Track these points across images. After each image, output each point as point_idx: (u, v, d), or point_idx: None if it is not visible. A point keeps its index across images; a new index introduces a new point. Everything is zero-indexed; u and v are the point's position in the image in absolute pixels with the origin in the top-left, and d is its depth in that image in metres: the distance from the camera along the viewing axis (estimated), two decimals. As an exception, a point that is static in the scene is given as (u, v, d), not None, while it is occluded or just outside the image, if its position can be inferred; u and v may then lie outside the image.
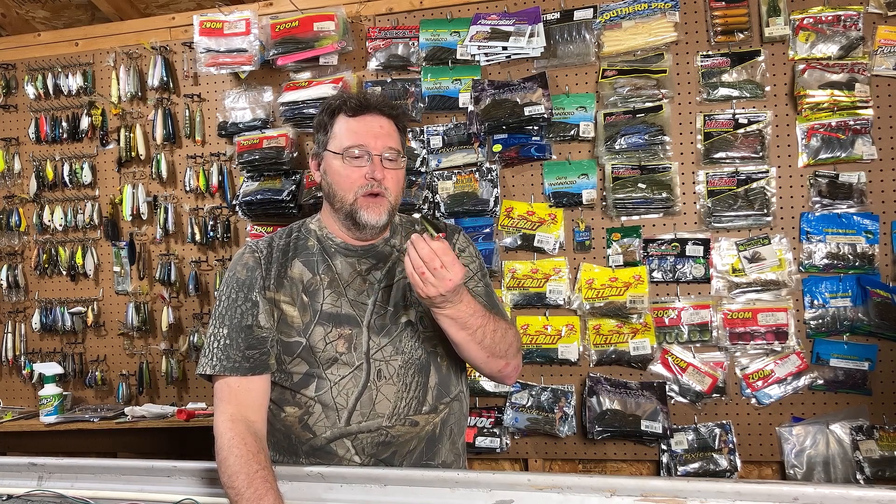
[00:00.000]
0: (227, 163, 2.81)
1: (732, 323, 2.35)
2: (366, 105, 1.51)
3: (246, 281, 1.51)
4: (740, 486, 1.16)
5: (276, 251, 1.55)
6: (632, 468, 2.49)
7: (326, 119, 1.55)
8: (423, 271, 1.28)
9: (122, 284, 2.94)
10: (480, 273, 1.64)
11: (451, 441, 1.54)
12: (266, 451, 1.38)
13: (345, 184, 1.49)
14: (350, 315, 1.48)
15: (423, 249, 1.28)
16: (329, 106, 1.56)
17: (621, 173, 2.43)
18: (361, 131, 1.49)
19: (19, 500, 1.39)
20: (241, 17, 2.64)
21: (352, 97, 1.54)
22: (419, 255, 1.28)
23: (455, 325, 1.39)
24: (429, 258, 1.28)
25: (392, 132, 1.53)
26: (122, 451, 2.79)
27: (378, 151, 1.48)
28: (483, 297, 1.61)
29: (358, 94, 1.57)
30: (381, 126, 1.50)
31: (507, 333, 1.51)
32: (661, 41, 2.42)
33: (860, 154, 2.28)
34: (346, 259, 1.54)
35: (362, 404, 1.44)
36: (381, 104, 1.53)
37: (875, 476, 2.19)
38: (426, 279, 1.29)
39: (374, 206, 1.48)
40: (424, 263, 1.28)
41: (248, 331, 1.47)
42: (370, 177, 1.47)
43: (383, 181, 1.48)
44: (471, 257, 1.65)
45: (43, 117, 2.98)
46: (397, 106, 1.58)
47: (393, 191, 1.51)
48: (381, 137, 1.49)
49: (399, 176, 1.53)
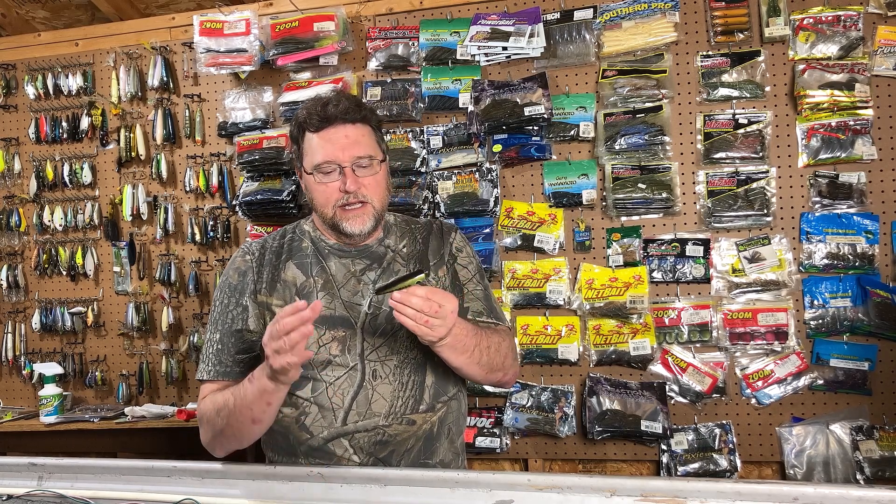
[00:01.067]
0: (227, 163, 2.81)
1: (732, 323, 2.35)
2: (327, 118, 1.47)
3: (237, 286, 1.52)
4: (740, 486, 1.16)
5: (269, 253, 1.55)
6: (632, 468, 2.49)
7: (297, 133, 1.54)
8: (426, 319, 1.27)
9: (122, 284, 2.94)
10: (479, 275, 1.64)
11: (449, 440, 1.54)
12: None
13: (321, 199, 1.49)
14: (344, 317, 1.48)
15: (414, 302, 1.26)
16: (296, 121, 1.53)
17: (621, 173, 2.43)
18: (328, 146, 1.47)
19: (19, 500, 1.39)
20: (241, 17, 2.64)
21: (314, 111, 1.49)
22: (414, 309, 1.26)
23: (455, 352, 1.39)
24: (425, 306, 1.26)
25: (360, 138, 1.49)
26: (122, 451, 2.79)
27: (347, 163, 1.46)
28: (482, 299, 1.61)
29: (320, 105, 1.49)
30: (346, 136, 1.47)
31: (501, 346, 1.51)
32: (661, 41, 2.42)
33: (860, 154, 2.28)
34: (340, 260, 1.54)
35: (358, 404, 1.45)
36: (342, 113, 1.48)
37: (875, 476, 2.19)
38: (432, 324, 1.27)
39: (355, 217, 1.48)
40: (422, 313, 1.26)
41: (239, 335, 1.48)
42: (343, 190, 1.46)
43: (360, 190, 1.46)
44: (468, 257, 1.64)
45: (43, 117, 2.98)
46: (362, 108, 1.52)
47: (375, 195, 1.49)
48: (349, 148, 1.46)
49: (378, 180, 1.50)
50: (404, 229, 1.63)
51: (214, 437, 1.44)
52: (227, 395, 1.40)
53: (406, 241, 1.60)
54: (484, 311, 1.60)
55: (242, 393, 1.36)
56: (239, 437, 1.42)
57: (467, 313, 1.59)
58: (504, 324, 1.63)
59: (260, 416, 1.37)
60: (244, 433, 1.40)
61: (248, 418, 1.37)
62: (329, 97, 1.51)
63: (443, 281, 1.57)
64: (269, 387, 1.31)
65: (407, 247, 1.59)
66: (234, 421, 1.38)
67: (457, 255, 1.62)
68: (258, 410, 1.35)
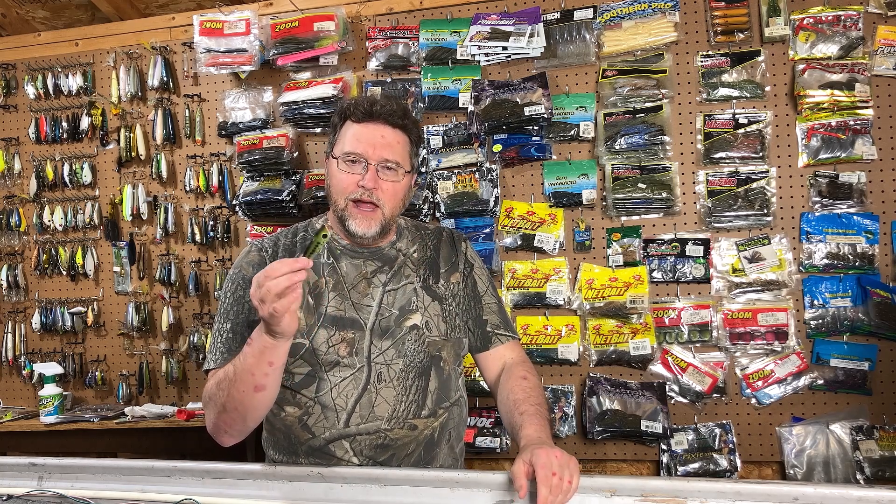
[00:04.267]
0: (227, 163, 2.81)
1: (732, 323, 2.35)
2: (371, 113, 1.49)
3: (251, 278, 1.52)
4: (740, 486, 1.16)
5: (283, 251, 1.55)
6: (632, 468, 2.49)
7: (337, 121, 1.55)
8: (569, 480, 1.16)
9: (122, 284, 2.94)
10: (492, 286, 1.66)
11: (449, 446, 1.54)
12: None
13: (338, 187, 1.49)
14: (354, 318, 1.48)
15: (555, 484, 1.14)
16: (340, 108, 1.55)
17: (621, 173, 2.43)
18: (363, 139, 1.48)
19: (19, 500, 1.39)
20: (241, 17, 2.64)
21: (361, 103, 1.51)
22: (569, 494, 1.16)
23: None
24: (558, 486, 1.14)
25: (396, 144, 1.50)
26: (122, 451, 2.79)
27: (375, 161, 1.46)
28: (497, 313, 1.64)
29: (369, 101, 1.51)
30: (383, 136, 1.48)
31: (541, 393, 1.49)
32: (661, 41, 2.42)
33: (860, 154, 2.28)
34: (352, 261, 1.54)
35: (361, 406, 1.44)
36: (387, 114, 1.50)
37: (875, 476, 2.19)
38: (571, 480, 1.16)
39: (363, 217, 1.48)
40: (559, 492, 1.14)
41: (252, 326, 1.47)
42: (360, 184, 1.46)
43: (375, 191, 1.46)
44: (481, 269, 1.66)
45: (43, 117, 2.98)
46: (406, 116, 1.53)
47: (388, 202, 1.49)
48: (381, 147, 1.47)
49: (396, 189, 1.50)
50: (415, 234, 1.64)
51: (218, 415, 1.37)
52: (228, 367, 1.35)
53: (417, 245, 1.61)
54: (500, 324, 1.62)
55: (242, 359, 1.31)
56: (242, 412, 1.34)
57: (486, 325, 1.61)
58: (516, 336, 1.65)
59: (263, 381, 1.30)
60: (247, 405, 1.33)
61: (251, 385, 1.30)
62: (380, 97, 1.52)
63: (454, 288, 1.59)
64: (268, 342, 1.25)
65: (418, 252, 1.60)
66: (236, 391, 1.32)
67: (473, 264, 1.65)
68: (260, 374, 1.29)
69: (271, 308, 1.18)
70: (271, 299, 1.18)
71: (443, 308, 1.55)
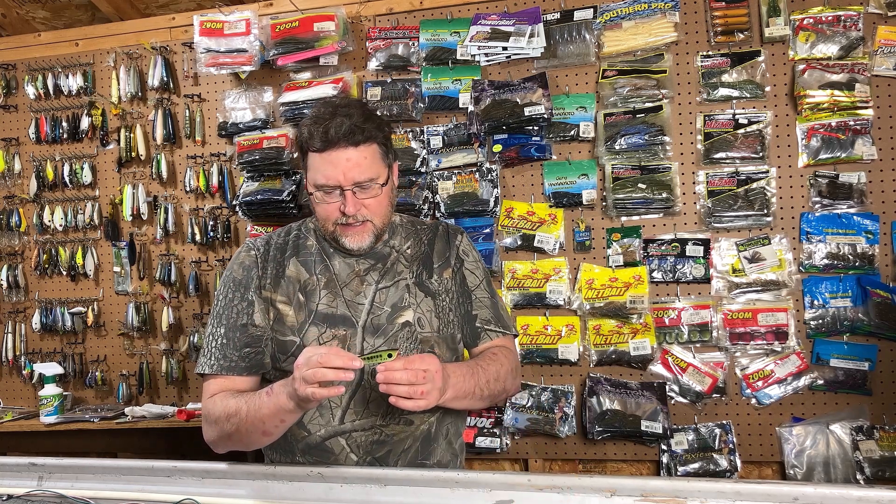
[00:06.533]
0: (227, 163, 2.81)
1: (732, 323, 2.35)
2: (329, 140, 1.42)
3: (242, 280, 1.53)
4: (740, 486, 1.16)
5: (274, 249, 1.56)
6: (632, 468, 2.49)
7: (299, 152, 1.53)
8: (421, 389, 1.25)
9: (122, 284, 2.94)
10: (486, 281, 1.64)
11: (447, 441, 1.54)
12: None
13: (322, 216, 1.50)
14: (345, 316, 1.49)
15: (399, 376, 1.24)
16: (298, 139, 1.50)
17: (621, 173, 2.43)
18: (329, 168, 1.44)
19: (19, 500, 1.39)
20: (242, 17, 2.64)
21: (316, 132, 1.44)
22: (402, 383, 1.24)
23: (458, 402, 1.40)
24: (411, 377, 1.24)
25: (363, 160, 1.44)
26: (122, 451, 2.79)
27: (348, 185, 1.44)
28: (489, 307, 1.61)
29: (323, 128, 1.43)
30: (348, 159, 1.43)
31: (500, 373, 1.51)
32: (661, 41, 2.42)
33: (860, 154, 2.28)
34: (344, 259, 1.54)
35: (356, 403, 1.46)
36: (345, 135, 1.42)
37: (875, 476, 2.19)
38: (426, 393, 1.26)
39: (354, 234, 1.48)
40: (412, 384, 1.24)
41: (244, 329, 1.48)
42: (342, 210, 1.46)
43: (360, 212, 1.46)
44: (475, 262, 1.64)
45: (43, 117, 2.98)
46: (365, 128, 1.45)
47: (376, 214, 1.48)
48: (350, 171, 1.43)
49: (379, 200, 1.49)
50: (409, 230, 1.63)
51: (220, 438, 1.45)
52: (240, 403, 1.39)
53: (411, 242, 1.60)
54: (491, 318, 1.60)
55: (257, 405, 1.36)
56: (246, 444, 1.44)
57: (475, 321, 1.59)
58: (511, 332, 1.63)
59: (271, 431, 1.38)
60: (252, 442, 1.42)
61: (259, 431, 1.38)
62: (331, 116, 1.44)
63: (447, 283, 1.58)
64: (288, 406, 1.31)
65: (411, 248, 1.59)
66: (244, 430, 1.38)
67: (464, 259, 1.62)
68: (270, 425, 1.37)
69: (310, 391, 1.22)
70: (314, 384, 1.22)
71: (436, 304, 1.54)
